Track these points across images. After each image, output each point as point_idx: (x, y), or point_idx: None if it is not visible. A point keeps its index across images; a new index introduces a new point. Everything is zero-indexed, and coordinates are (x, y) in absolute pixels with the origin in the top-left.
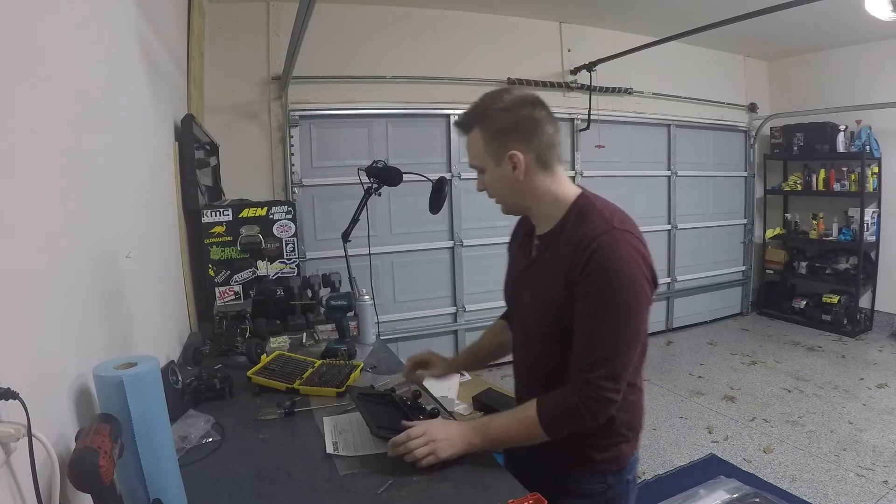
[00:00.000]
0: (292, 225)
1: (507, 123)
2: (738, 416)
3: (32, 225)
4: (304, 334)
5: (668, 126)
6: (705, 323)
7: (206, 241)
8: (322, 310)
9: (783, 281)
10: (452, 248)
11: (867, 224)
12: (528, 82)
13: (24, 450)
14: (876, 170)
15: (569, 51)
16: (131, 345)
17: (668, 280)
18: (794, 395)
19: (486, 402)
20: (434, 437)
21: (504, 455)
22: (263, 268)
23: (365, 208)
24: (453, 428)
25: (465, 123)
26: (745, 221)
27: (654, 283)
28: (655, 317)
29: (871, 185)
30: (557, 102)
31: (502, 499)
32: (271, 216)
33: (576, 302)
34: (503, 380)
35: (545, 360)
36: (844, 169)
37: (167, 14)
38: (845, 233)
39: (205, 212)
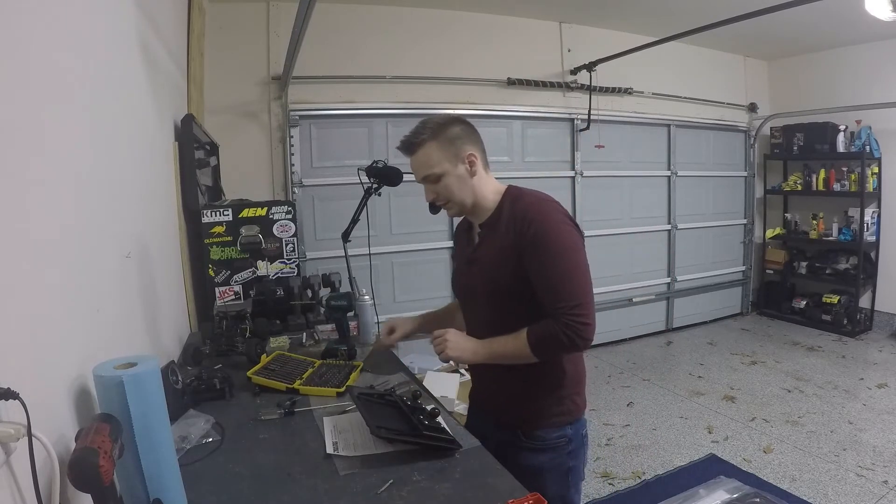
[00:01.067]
0: (292, 225)
1: (458, 132)
2: (738, 416)
3: (32, 225)
4: (304, 334)
5: (668, 126)
6: (705, 323)
7: (206, 241)
8: (322, 310)
9: (783, 281)
10: (452, 249)
11: (867, 224)
12: (528, 82)
13: (24, 450)
14: (876, 170)
15: (569, 51)
16: (131, 345)
17: (669, 280)
18: (794, 395)
19: None
20: (447, 339)
21: (470, 422)
22: (263, 268)
23: (365, 208)
24: (466, 340)
25: (415, 142)
26: (745, 221)
27: (581, 233)
28: (655, 317)
29: (871, 185)
30: (557, 102)
31: (502, 499)
32: (271, 216)
33: (528, 263)
34: None
35: (491, 316)
36: (844, 169)
37: (167, 14)
38: (845, 233)
39: (205, 212)
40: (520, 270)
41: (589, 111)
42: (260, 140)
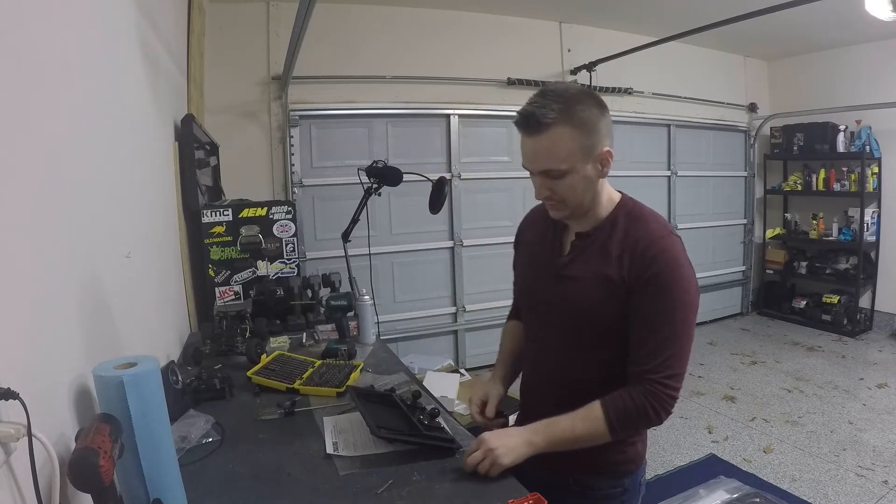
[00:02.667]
0: (292, 225)
1: (593, 117)
2: (738, 416)
3: (32, 225)
4: (304, 334)
5: (668, 126)
6: (705, 323)
7: (206, 241)
8: (322, 310)
9: (783, 281)
10: (452, 248)
11: (867, 224)
12: (528, 82)
13: (24, 450)
14: (876, 170)
15: (569, 51)
16: (132, 345)
17: None
18: (794, 395)
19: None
20: (490, 447)
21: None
22: (263, 268)
23: (365, 208)
24: (511, 434)
25: (543, 121)
26: (745, 221)
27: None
28: None
29: (871, 185)
30: None
31: (502, 499)
32: (271, 216)
33: (637, 303)
34: None
35: (566, 345)
36: (844, 169)
37: (167, 14)
38: (845, 233)
39: (205, 212)
40: (625, 308)
41: None
42: (260, 140)
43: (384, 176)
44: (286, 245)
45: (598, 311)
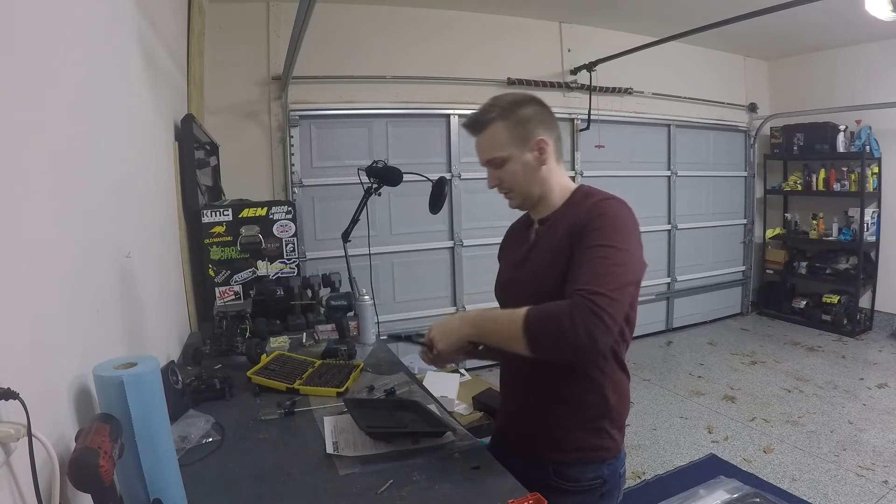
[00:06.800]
0: (292, 225)
1: (531, 113)
2: (738, 416)
3: (32, 225)
4: (304, 334)
5: (668, 126)
6: (705, 323)
7: (206, 241)
8: (322, 310)
9: (783, 281)
10: (452, 248)
11: (867, 224)
12: (528, 82)
13: (24, 450)
14: (876, 170)
15: (569, 51)
16: (131, 345)
17: (668, 280)
18: (794, 395)
19: (485, 402)
20: (431, 335)
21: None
22: (263, 268)
23: (365, 208)
24: (450, 321)
25: (482, 120)
26: (745, 221)
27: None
28: (655, 317)
29: (871, 185)
30: (557, 102)
31: (502, 499)
32: (271, 216)
33: (575, 252)
34: None
35: None
36: (844, 169)
37: (167, 14)
38: (845, 233)
39: (205, 212)
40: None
41: (589, 111)
42: (260, 140)
43: (384, 176)
44: (286, 245)
45: (552, 276)
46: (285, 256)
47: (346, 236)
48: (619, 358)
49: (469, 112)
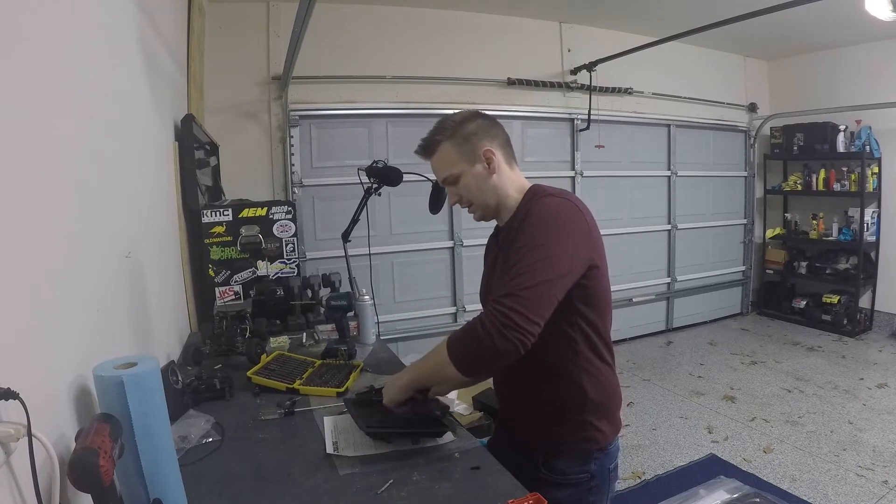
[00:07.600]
0: (292, 225)
1: (472, 128)
2: (738, 416)
3: (32, 225)
4: (304, 334)
5: (668, 126)
6: (705, 323)
7: (206, 241)
8: (322, 310)
9: (783, 281)
10: (452, 248)
11: (867, 224)
12: (528, 82)
13: (24, 450)
14: (876, 170)
15: (569, 51)
16: (131, 345)
17: (668, 280)
18: (794, 395)
19: (485, 403)
20: (383, 394)
21: (496, 445)
22: (263, 268)
23: (365, 208)
24: (395, 377)
25: (430, 144)
26: (745, 221)
27: (595, 230)
28: (655, 317)
29: (871, 185)
30: (557, 102)
31: (502, 499)
32: (271, 216)
33: (510, 252)
34: None
35: None
36: (844, 169)
37: (167, 14)
38: (845, 233)
39: (205, 212)
40: None
41: (589, 111)
42: (260, 140)
43: (384, 176)
44: (286, 245)
45: None
46: (285, 256)
47: (346, 236)
48: (595, 349)
49: None
